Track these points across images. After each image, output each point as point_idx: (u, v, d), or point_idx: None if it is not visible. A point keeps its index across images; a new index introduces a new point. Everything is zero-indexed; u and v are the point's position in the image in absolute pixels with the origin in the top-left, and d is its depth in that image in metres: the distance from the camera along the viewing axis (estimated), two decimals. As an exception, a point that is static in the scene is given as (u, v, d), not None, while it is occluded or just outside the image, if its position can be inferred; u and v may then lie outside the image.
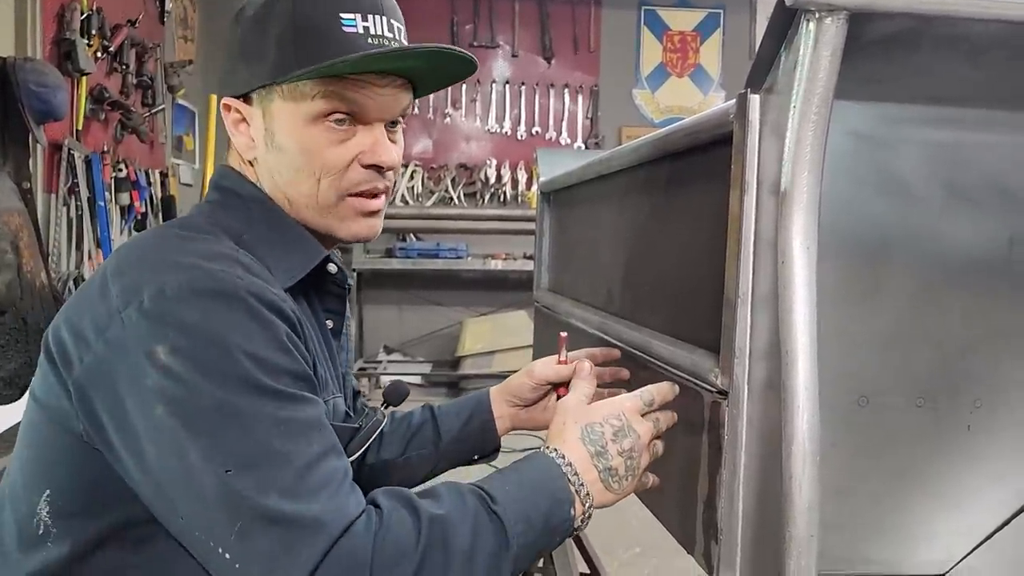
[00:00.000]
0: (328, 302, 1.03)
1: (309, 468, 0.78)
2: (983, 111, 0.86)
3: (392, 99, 0.96)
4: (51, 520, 0.86)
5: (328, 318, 1.03)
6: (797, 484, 0.71)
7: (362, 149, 0.95)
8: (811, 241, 0.73)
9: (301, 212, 0.97)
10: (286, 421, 0.79)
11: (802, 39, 0.71)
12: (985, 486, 0.87)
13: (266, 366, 0.79)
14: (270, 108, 0.94)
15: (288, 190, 0.97)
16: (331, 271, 1.00)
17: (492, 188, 6.56)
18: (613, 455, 0.90)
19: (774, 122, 0.80)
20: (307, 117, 0.93)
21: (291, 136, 0.94)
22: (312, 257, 0.97)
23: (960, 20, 0.69)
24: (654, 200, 1.24)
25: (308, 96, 0.92)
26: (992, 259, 0.86)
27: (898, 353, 0.86)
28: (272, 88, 0.93)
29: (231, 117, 0.98)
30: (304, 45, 0.90)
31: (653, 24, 6.65)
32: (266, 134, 0.95)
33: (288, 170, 0.95)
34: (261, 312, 0.82)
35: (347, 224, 0.98)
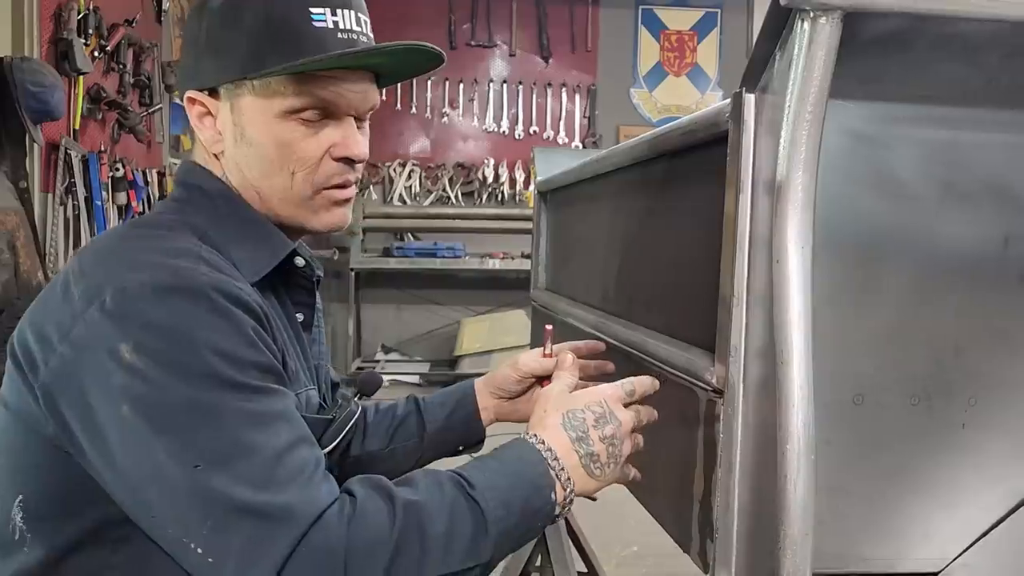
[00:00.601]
0: (297, 295, 1.03)
1: (279, 459, 0.78)
2: (978, 110, 0.86)
3: (362, 95, 0.97)
4: (26, 525, 0.86)
5: (298, 311, 1.03)
6: (792, 482, 0.71)
7: (333, 142, 0.96)
8: (806, 240, 0.73)
9: (273, 205, 0.97)
10: (253, 414, 0.79)
11: (797, 38, 0.71)
12: (980, 484, 0.87)
13: (231, 360, 0.79)
14: (239, 103, 0.93)
15: (259, 183, 0.96)
16: (298, 264, 1.00)
17: (490, 187, 6.56)
18: (595, 441, 0.90)
19: (769, 121, 0.80)
20: (279, 112, 0.92)
21: (262, 131, 0.93)
22: (278, 251, 0.97)
23: (954, 19, 0.69)
24: (650, 199, 1.24)
25: (280, 92, 0.92)
26: (987, 258, 0.86)
27: (893, 351, 0.86)
28: (242, 83, 0.92)
29: (195, 111, 0.96)
30: (275, 40, 0.90)
31: (650, 23, 6.66)
32: (235, 128, 0.95)
33: (259, 164, 0.95)
34: (225, 306, 0.82)
35: (320, 216, 0.99)
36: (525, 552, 2.39)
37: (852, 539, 0.88)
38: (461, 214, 6.40)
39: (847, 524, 0.87)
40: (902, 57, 0.79)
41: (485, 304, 6.55)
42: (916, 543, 0.88)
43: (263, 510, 0.75)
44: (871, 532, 0.88)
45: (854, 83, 0.79)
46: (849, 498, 0.87)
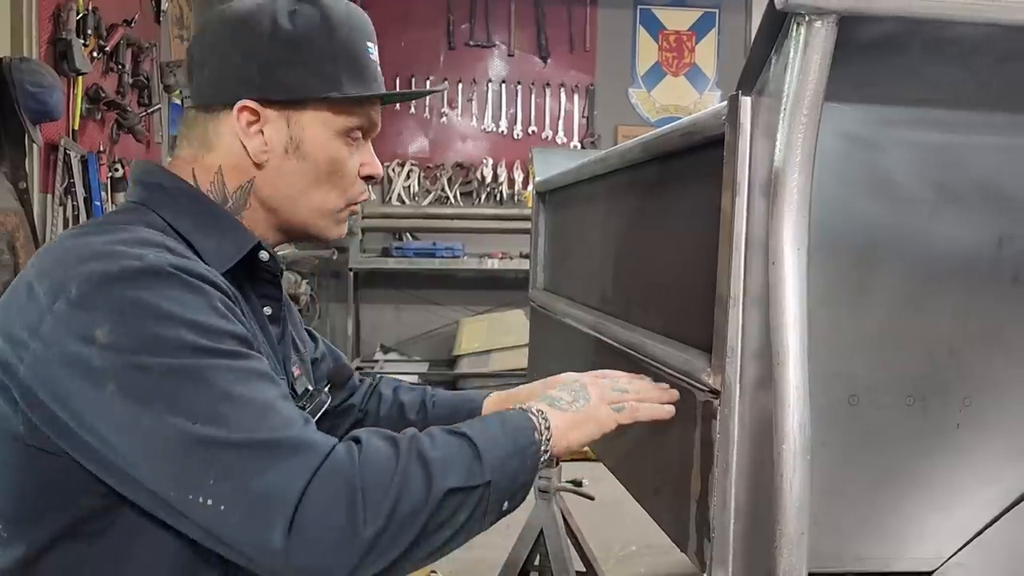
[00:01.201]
0: (262, 288, 1.05)
1: (272, 407, 0.80)
2: (972, 113, 0.87)
3: (379, 118, 1.06)
4: (2, 526, 0.87)
5: (264, 304, 1.05)
6: (788, 482, 0.72)
7: (364, 162, 1.05)
8: (801, 242, 0.74)
9: (301, 216, 1.03)
10: (237, 370, 0.81)
11: (792, 42, 0.72)
12: (974, 484, 0.88)
13: (205, 330, 0.82)
14: (300, 118, 0.99)
15: (298, 195, 1.01)
16: (263, 259, 1.02)
17: (488, 187, 6.56)
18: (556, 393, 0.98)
19: (765, 124, 0.81)
20: (339, 130, 1.00)
21: (319, 145, 1.00)
22: (243, 244, 0.99)
23: (948, 23, 0.69)
24: (647, 201, 1.25)
25: (348, 112, 1.00)
26: (981, 259, 0.87)
27: (888, 352, 0.87)
28: (308, 100, 0.98)
29: (245, 119, 0.98)
30: (351, 65, 0.99)
31: (649, 23, 6.66)
32: (289, 141, 0.99)
33: (305, 177, 1.00)
34: (191, 282, 0.84)
35: (339, 227, 1.06)
36: (524, 551, 2.40)
37: (848, 538, 0.88)
38: (460, 214, 6.40)
39: (843, 523, 0.88)
40: (897, 60, 0.79)
41: (484, 304, 6.55)
42: (911, 542, 0.88)
43: (271, 444, 0.77)
44: (866, 531, 0.88)
45: (849, 86, 0.80)
46: (845, 498, 0.88)
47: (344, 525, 0.76)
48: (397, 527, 0.78)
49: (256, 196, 1.01)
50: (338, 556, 0.77)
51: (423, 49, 6.52)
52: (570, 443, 0.94)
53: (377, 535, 0.77)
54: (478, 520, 0.85)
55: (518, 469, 0.87)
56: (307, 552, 0.76)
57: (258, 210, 1.02)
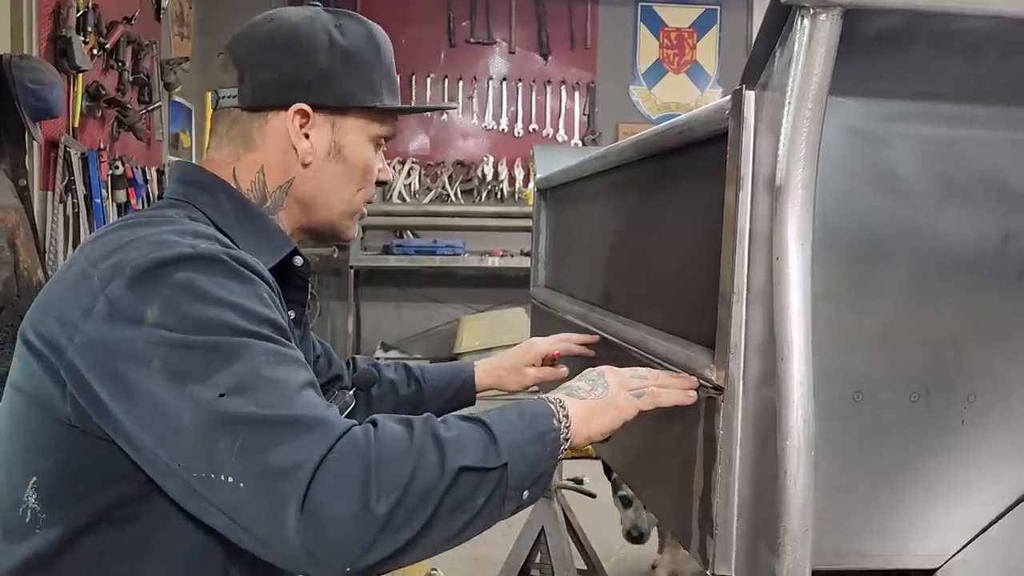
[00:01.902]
0: (292, 293, 1.08)
1: (299, 391, 0.83)
2: (978, 107, 0.86)
3: None
4: (40, 507, 0.88)
5: (291, 308, 1.07)
6: (792, 479, 0.72)
7: (380, 168, 1.13)
8: (806, 237, 0.73)
9: (331, 215, 1.10)
10: (273, 352, 0.84)
11: (797, 36, 0.72)
12: (979, 481, 0.87)
13: (248, 314, 0.85)
14: (343, 124, 1.07)
15: (332, 195, 1.09)
16: (297, 263, 1.07)
17: (489, 185, 6.56)
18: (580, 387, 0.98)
19: (769, 118, 0.81)
20: (373, 137, 1.10)
21: (357, 150, 1.08)
22: (281, 248, 1.05)
23: (954, 16, 0.69)
24: (650, 197, 1.24)
25: (383, 121, 1.10)
26: (986, 255, 0.86)
27: (892, 348, 0.86)
28: (351, 108, 1.07)
29: (298, 121, 1.04)
30: (387, 79, 1.10)
31: (650, 20, 6.65)
32: (332, 145, 1.07)
33: (340, 179, 1.08)
34: (241, 271, 0.89)
35: (354, 228, 1.15)
36: (525, 549, 2.40)
37: (851, 535, 0.88)
38: (461, 212, 6.40)
39: (846, 520, 0.87)
40: (902, 54, 0.79)
41: (485, 302, 6.55)
42: (915, 539, 0.88)
43: (290, 421, 0.79)
44: (870, 528, 0.88)
45: (854, 80, 0.79)
46: (848, 494, 0.87)
47: (357, 500, 0.77)
48: (411, 504, 0.78)
49: (293, 195, 1.07)
50: (351, 533, 0.77)
51: (424, 46, 6.52)
52: (591, 432, 0.93)
53: (391, 511, 0.77)
54: (497, 506, 0.85)
55: (537, 455, 0.87)
56: (319, 530, 0.76)
57: (292, 208, 1.08)
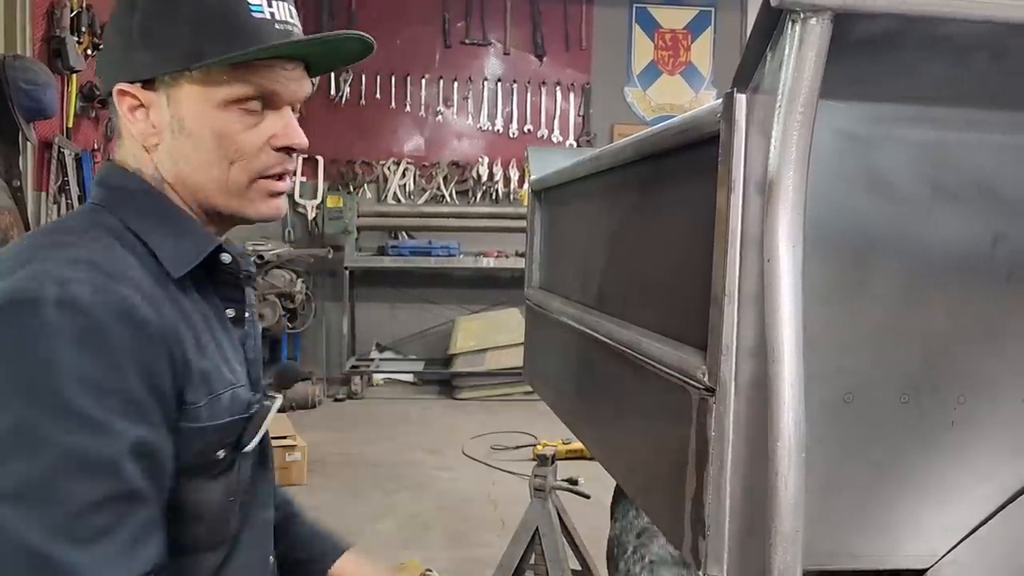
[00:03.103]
0: (226, 291, 1.02)
1: (87, 512, 0.76)
2: (967, 110, 0.87)
3: (300, 84, 0.98)
4: None
5: (228, 307, 1.03)
6: (783, 480, 0.72)
7: (274, 132, 0.97)
8: (797, 240, 0.74)
9: (208, 195, 0.98)
10: (80, 455, 0.77)
11: (787, 39, 0.72)
12: (969, 481, 0.88)
13: (89, 387, 0.78)
14: (178, 94, 0.94)
15: (196, 175, 0.96)
16: (225, 261, 1.00)
17: (484, 186, 6.57)
18: None
19: (760, 121, 0.81)
20: (220, 102, 0.93)
21: (202, 121, 0.94)
22: (203, 246, 0.97)
23: (943, 20, 0.69)
24: (643, 198, 1.25)
25: (223, 82, 0.93)
26: (976, 257, 0.87)
27: (883, 350, 0.87)
28: (180, 74, 0.92)
29: (126, 103, 0.95)
30: (217, 30, 0.91)
31: (644, 22, 6.67)
32: (172, 120, 0.95)
33: (197, 155, 0.95)
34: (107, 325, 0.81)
35: (256, 205, 0.99)
36: (519, 550, 2.40)
37: (843, 536, 0.88)
38: (455, 213, 6.41)
39: (838, 521, 0.88)
40: (892, 58, 0.79)
41: (479, 302, 6.55)
42: (906, 539, 0.89)
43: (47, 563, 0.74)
44: (861, 529, 0.88)
45: (845, 83, 0.80)
46: (839, 495, 0.88)
47: None
48: None
49: (168, 182, 0.98)
50: None
51: (419, 47, 6.52)
52: None
53: None
54: None
55: None
56: None
57: (177, 195, 0.98)
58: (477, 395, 6.04)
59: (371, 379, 6.35)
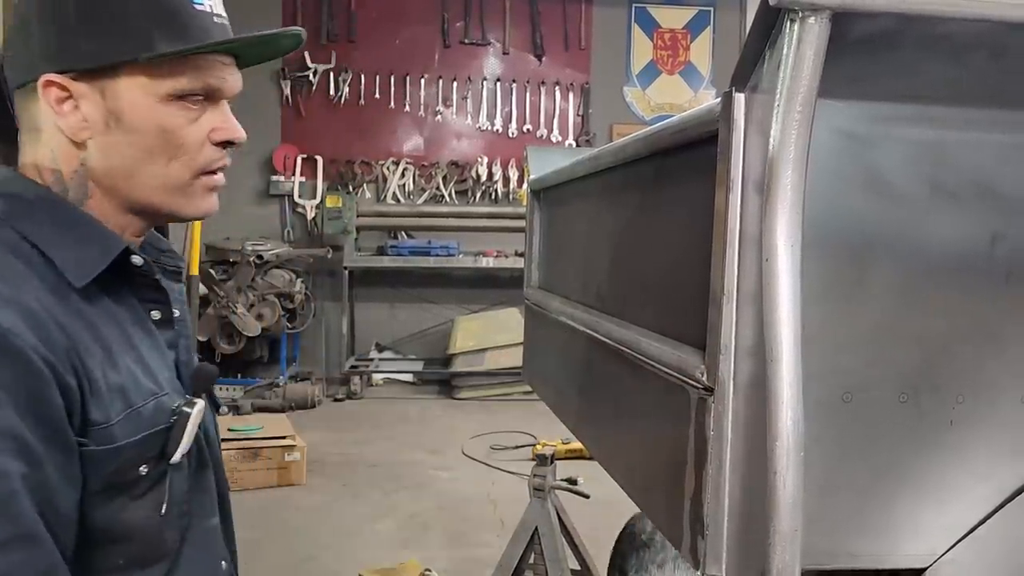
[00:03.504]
0: (145, 293, 0.98)
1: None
2: (965, 110, 0.87)
3: (236, 78, 0.97)
4: None
5: (152, 309, 0.98)
6: (781, 479, 0.72)
7: (213, 127, 0.95)
8: (795, 239, 0.74)
9: (144, 193, 0.94)
10: None
11: (786, 38, 0.72)
12: (968, 481, 0.88)
13: None
14: (115, 86, 0.89)
15: (132, 172, 0.92)
16: (136, 263, 0.95)
17: (483, 186, 6.57)
18: None
19: (759, 120, 0.81)
20: (164, 95, 0.91)
21: (144, 115, 0.90)
22: (109, 251, 0.92)
23: (941, 19, 0.69)
24: (642, 198, 1.25)
25: (168, 75, 0.90)
26: (974, 256, 0.87)
27: (882, 349, 0.87)
28: (121, 66, 0.89)
29: (53, 95, 0.89)
30: (164, 21, 0.89)
31: (644, 22, 6.67)
32: (108, 114, 0.90)
33: (136, 151, 0.92)
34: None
35: (195, 202, 0.97)
36: (518, 550, 2.40)
37: (841, 535, 0.88)
38: (455, 212, 6.41)
39: (836, 520, 0.88)
40: (890, 57, 0.79)
41: (479, 302, 6.55)
42: (905, 539, 0.89)
43: None
44: (860, 528, 0.88)
45: (843, 82, 0.80)
46: (838, 495, 0.88)
47: None
48: None
49: (92, 179, 0.93)
50: None
51: (418, 47, 6.52)
52: None
53: None
54: None
55: None
56: None
57: (101, 197, 0.94)
58: (476, 395, 6.04)
59: (370, 379, 6.35)
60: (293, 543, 3.49)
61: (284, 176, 6.49)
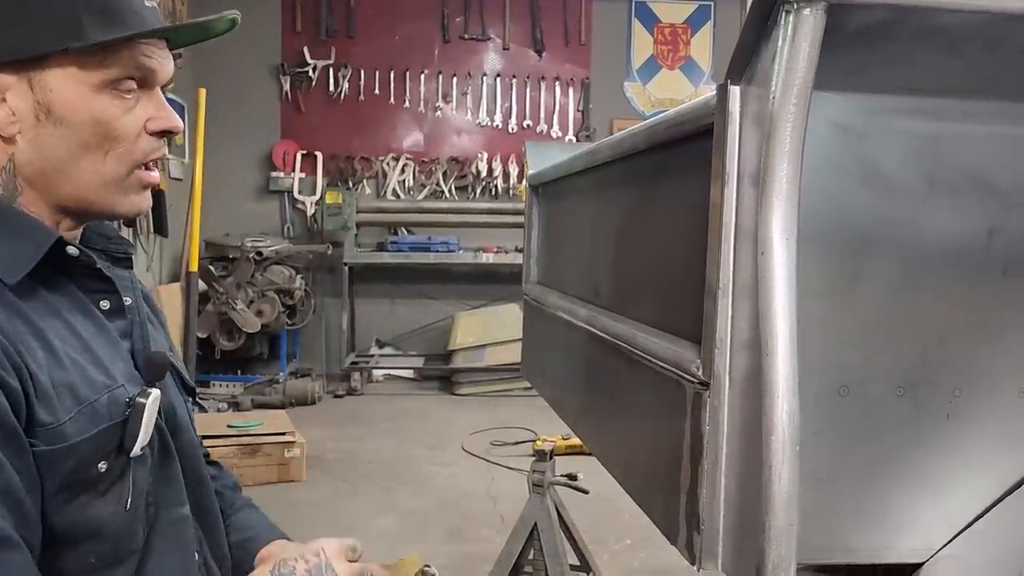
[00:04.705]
0: (89, 283, 0.94)
1: None
2: (962, 102, 0.86)
3: (169, 61, 0.93)
4: None
5: (101, 299, 0.95)
6: (776, 474, 0.72)
7: (149, 116, 0.91)
8: (790, 232, 0.73)
9: (77, 190, 0.90)
10: None
11: (781, 30, 0.71)
12: (965, 475, 0.88)
13: None
14: (44, 77, 0.85)
15: (64, 168, 0.89)
16: (72, 254, 0.91)
17: (483, 181, 6.56)
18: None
19: (755, 113, 0.80)
20: (97, 84, 0.87)
21: (76, 107, 0.86)
22: (41, 243, 0.88)
23: (936, 11, 0.69)
24: (639, 192, 1.24)
25: (99, 63, 0.86)
26: (972, 250, 0.87)
27: (879, 343, 0.87)
28: (49, 55, 0.85)
29: None
30: (93, 8, 0.85)
31: (644, 16, 6.65)
32: (37, 107, 0.86)
33: (68, 145, 0.88)
34: None
35: (131, 198, 0.94)
36: (518, 545, 2.40)
37: (838, 530, 0.88)
38: (455, 208, 6.41)
39: (833, 515, 0.88)
40: (887, 49, 0.79)
41: (479, 298, 6.55)
42: (902, 534, 0.88)
43: None
44: (857, 523, 0.88)
45: (839, 75, 0.79)
46: (835, 489, 0.87)
47: None
48: None
49: (22, 176, 0.88)
50: None
51: (417, 43, 6.52)
52: None
53: None
54: None
55: None
56: None
57: (32, 195, 0.90)
58: (476, 391, 6.04)
59: (371, 375, 6.35)
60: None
61: (284, 172, 6.49)
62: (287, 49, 6.44)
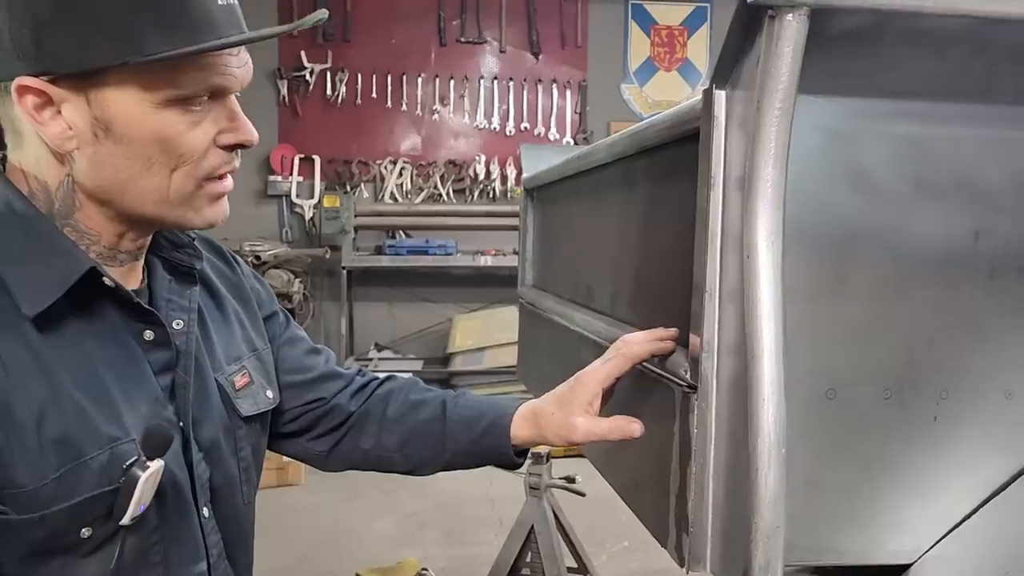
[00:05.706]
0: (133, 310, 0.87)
1: None
2: (948, 105, 0.87)
3: (246, 69, 0.85)
4: None
5: (144, 329, 0.88)
6: (763, 476, 0.72)
7: (220, 128, 0.84)
8: (776, 235, 0.73)
9: (143, 207, 0.84)
10: None
11: (764, 35, 0.72)
12: (952, 476, 0.88)
13: None
14: (102, 92, 0.78)
15: (128, 186, 0.82)
16: (109, 285, 0.84)
17: (481, 184, 6.56)
18: None
19: (740, 117, 0.81)
20: (160, 101, 0.79)
21: (137, 124, 0.79)
22: (70, 272, 0.81)
23: (919, 15, 0.69)
24: (630, 195, 1.25)
25: (164, 77, 0.78)
26: (958, 252, 0.87)
27: (865, 346, 0.87)
28: (106, 69, 0.77)
29: (30, 101, 0.78)
30: (157, 16, 0.76)
31: (640, 18, 6.66)
32: (95, 123, 0.79)
33: (131, 163, 0.81)
34: None
35: (202, 213, 0.87)
36: (515, 548, 2.40)
37: (826, 532, 0.88)
38: (453, 211, 6.40)
39: (821, 517, 0.88)
40: (871, 52, 0.79)
41: (477, 301, 6.55)
42: (890, 535, 0.88)
43: None
44: (845, 525, 0.88)
45: (824, 79, 0.80)
46: (823, 491, 0.88)
47: None
48: None
49: (82, 191, 0.83)
50: None
51: (413, 46, 6.52)
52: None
53: None
54: None
55: None
56: None
57: (92, 208, 0.84)
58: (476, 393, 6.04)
59: (370, 378, 6.35)
60: (292, 543, 3.49)
61: (281, 176, 6.49)
62: (284, 53, 6.45)
